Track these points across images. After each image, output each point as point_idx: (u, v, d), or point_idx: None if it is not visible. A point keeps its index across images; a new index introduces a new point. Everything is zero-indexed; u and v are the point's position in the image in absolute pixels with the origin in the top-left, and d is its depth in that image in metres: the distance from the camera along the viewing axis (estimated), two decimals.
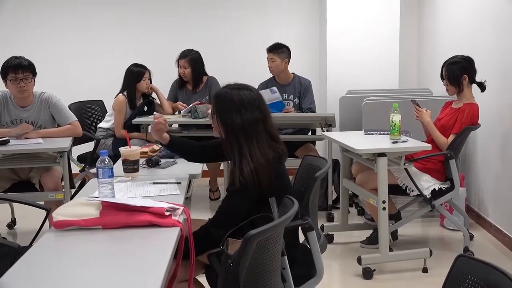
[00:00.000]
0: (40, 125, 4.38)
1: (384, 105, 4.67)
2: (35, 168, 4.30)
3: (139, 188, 2.80)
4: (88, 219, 2.19)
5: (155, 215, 2.21)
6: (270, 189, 2.41)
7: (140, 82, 5.29)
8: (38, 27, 6.50)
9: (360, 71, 5.92)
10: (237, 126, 2.46)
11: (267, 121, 2.52)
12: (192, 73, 5.47)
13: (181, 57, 5.46)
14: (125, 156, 3.06)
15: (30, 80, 4.23)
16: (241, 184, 2.41)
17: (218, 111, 2.53)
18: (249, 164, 2.42)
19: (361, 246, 4.45)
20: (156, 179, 2.97)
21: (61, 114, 4.38)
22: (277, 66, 5.36)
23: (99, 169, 2.48)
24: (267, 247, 1.94)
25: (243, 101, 2.48)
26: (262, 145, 2.47)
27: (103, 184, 2.49)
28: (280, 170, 2.51)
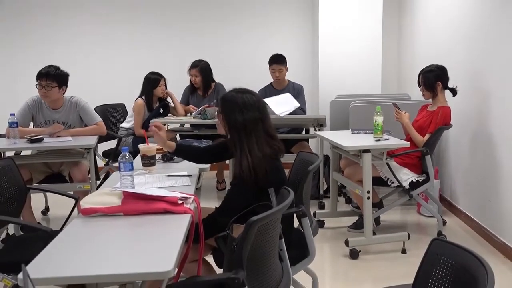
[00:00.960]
0: (70, 125, 4.39)
1: (368, 108, 4.65)
2: (66, 162, 4.31)
3: (155, 180, 2.80)
4: (111, 207, 2.18)
5: (169, 203, 2.20)
6: (267, 181, 2.38)
7: (157, 88, 5.31)
8: (70, 42, 6.52)
9: (348, 78, 5.89)
10: (239, 124, 2.44)
11: (265, 121, 2.49)
12: (202, 80, 5.46)
13: (192, 67, 5.45)
14: (144, 152, 3.06)
15: (51, 88, 4.18)
16: (241, 177, 2.39)
17: (224, 111, 2.51)
18: (248, 159, 2.39)
19: (348, 230, 4.44)
20: (170, 172, 2.97)
21: (88, 115, 4.38)
22: (283, 74, 5.37)
23: (121, 163, 2.47)
24: (267, 231, 1.93)
25: (245, 103, 2.46)
26: (260, 142, 2.44)
27: (124, 176, 2.48)
28: (276, 165, 2.47)
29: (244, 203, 2.39)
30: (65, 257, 1.76)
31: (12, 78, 6.36)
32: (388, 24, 6.27)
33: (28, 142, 4.02)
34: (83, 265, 1.70)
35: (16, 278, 2.16)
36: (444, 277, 1.56)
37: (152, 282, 2.13)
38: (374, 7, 5.83)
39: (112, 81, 6.51)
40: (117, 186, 2.54)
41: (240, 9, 6.53)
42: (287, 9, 6.55)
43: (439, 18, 5.19)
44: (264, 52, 5.94)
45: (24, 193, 3.05)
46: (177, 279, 2.25)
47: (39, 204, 5.04)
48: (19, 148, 4.09)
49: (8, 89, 6.30)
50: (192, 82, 5.51)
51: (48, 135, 4.19)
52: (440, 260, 1.58)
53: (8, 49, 6.37)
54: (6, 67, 6.38)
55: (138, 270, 1.65)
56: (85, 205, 2.19)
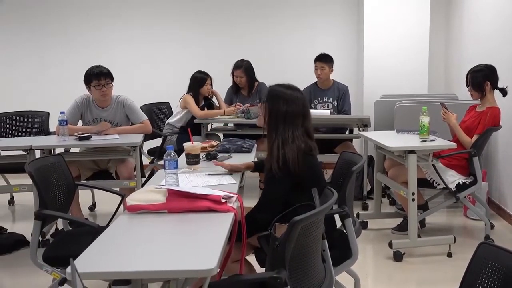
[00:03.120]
0: (117, 123, 4.43)
1: (414, 108, 4.56)
2: (112, 159, 4.35)
3: (199, 178, 2.81)
4: (156, 204, 2.20)
5: (213, 201, 2.21)
6: (300, 174, 2.38)
7: (203, 87, 5.33)
8: (115, 41, 6.63)
9: (393, 77, 5.81)
10: (280, 114, 2.44)
11: (306, 119, 2.50)
12: (247, 80, 5.48)
13: (236, 68, 5.46)
14: (188, 151, 3.09)
15: (110, 85, 4.28)
16: (274, 170, 2.38)
17: (269, 99, 2.52)
18: (279, 148, 2.39)
19: (392, 232, 4.38)
20: (214, 171, 2.98)
21: (134, 114, 4.42)
22: (326, 73, 5.32)
23: (166, 161, 2.49)
24: (310, 231, 1.92)
25: (291, 96, 2.48)
26: (297, 136, 2.44)
27: (169, 174, 2.49)
28: (310, 160, 2.45)
29: (280, 195, 2.38)
30: (111, 253, 1.78)
31: (63, 78, 6.53)
32: (435, 22, 6.13)
33: (77, 139, 4.07)
34: (129, 260, 1.72)
35: (65, 272, 2.19)
36: (492, 283, 1.53)
37: (196, 280, 2.15)
38: (421, 4, 5.73)
39: (157, 80, 6.56)
40: (162, 183, 2.55)
41: (284, 9, 6.50)
42: (332, 9, 6.49)
43: (488, 16, 5.06)
44: (308, 52, 5.89)
45: (72, 189, 3.09)
46: (219, 278, 2.25)
47: (86, 200, 5.09)
48: (68, 145, 4.15)
49: (61, 89, 6.47)
50: (236, 82, 5.51)
51: (96, 133, 4.24)
52: (487, 265, 1.54)
53: (59, 50, 6.54)
54: (58, 67, 6.54)
55: (181, 267, 1.66)
56: (131, 202, 2.22)
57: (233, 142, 3.68)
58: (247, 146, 3.61)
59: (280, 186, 2.39)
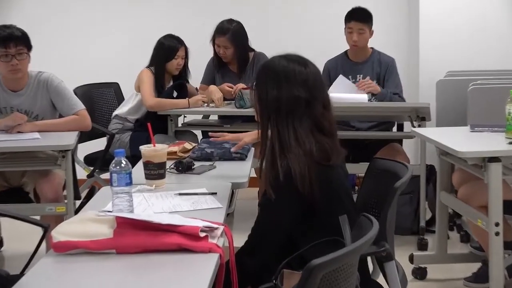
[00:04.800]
0: (37, 115, 4.41)
1: (497, 92, 4.54)
2: (30, 172, 4.32)
3: (165, 201, 2.84)
4: (98, 240, 2.21)
5: (186, 236, 2.23)
6: (315, 198, 2.40)
7: (172, 60, 5.37)
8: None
9: (464, 46, 5.89)
10: (270, 101, 2.47)
11: (314, 106, 2.51)
12: (236, 53, 5.53)
13: (218, 33, 5.51)
14: (148, 158, 3.09)
15: (25, 56, 4.25)
16: (272, 190, 2.41)
17: (256, 83, 2.57)
18: (278, 157, 2.42)
19: (465, 285, 4.36)
20: (188, 188, 2.99)
21: (64, 100, 4.41)
22: (365, 38, 5.37)
23: (114, 174, 2.50)
24: (336, 282, 1.90)
25: (287, 73, 2.49)
26: (301, 133, 2.46)
27: (119, 194, 2.51)
28: (327, 173, 2.48)
29: (282, 227, 2.43)
30: None
31: None
32: None
33: None
34: None
35: None
36: None
37: None
38: None
39: (102, 52, 6.65)
40: (107, 208, 2.57)
41: None
42: None
43: None
44: (335, 9, 5.82)
45: None
46: None
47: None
48: None
49: None
50: (218, 55, 5.57)
51: (3, 130, 4.23)
52: None
53: None
54: None
55: None
56: (58, 237, 2.22)
57: (218, 144, 3.72)
58: (239, 151, 3.65)
59: (281, 214, 2.43)
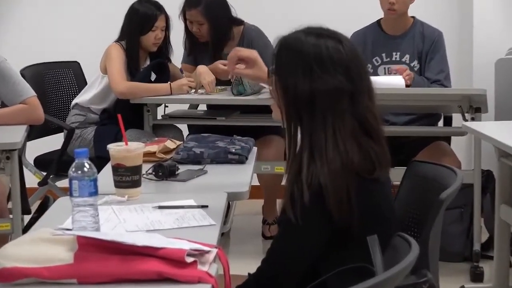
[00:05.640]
0: None
1: None
2: None
3: (141, 215, 2.84)
4: (54, 267, 2.16)
5: (168, 262, 2.18)
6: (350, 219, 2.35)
7: (148, 33, 5.26)
8: None
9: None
10: (301, 96, 2.40)
11: (359, 99, 2.42)
12: (211, 30, 5.42)
13: (188, 5, 5.42)
14: (118, 160, 3.04)
15: None
16: (295, 211, 2.35)
17: (277, 69, 2.49)
18: (306, 167, 2.35)
19: None
20: (170, 199, 2.98)
21: (9, 85, 4.36)
22: (405, 2, 5.20)
23: (74, 180, 2.44)
24: None
25: (320, 55, 2.40)
26: (343, 138, 2.37)
27: (80, 207, 2.46)
28: (370, 190, 2.42)
29: (305, 259, 2.43)
30: None
31: None
32: None
33: None
34: None
35: None
36: None
37: None
38: None
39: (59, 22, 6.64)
40: (66, 226, 2.55)
41: None
42: None
43: None
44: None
45: None
46: None
47: None
48: None
49: None
50: (194, 34, 5.53)
51: None
52: None
53: None
54: None
55: None
56: (3, 263, 2.18)
57: (210, 143, 3.72)
58: (238, 152, 3.61)
59: (306, 240, 2.41)
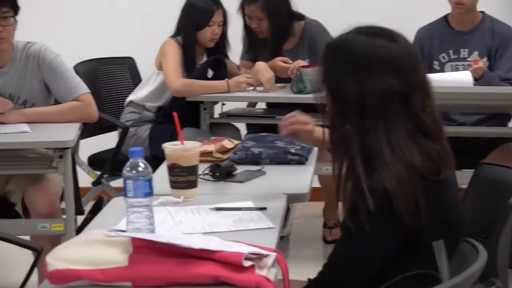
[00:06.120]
0: (25, 101, 4.35)
1: None
2: (16, 177, 4.28)
3: (197, 217, 2.87)
4: (108, 269, 2.19)
5: (225, 266, 2.19)
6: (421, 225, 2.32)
7: (205, 28, 5.25)
8: None
9: None
10: (350, 99, 2.39)
11: (413, 98, 2.41)
12: (270, 26, 5.44)
13: (247, 1, 5.47)
14: (174, 159, 3.07)
15: (11, 21, 4.20)
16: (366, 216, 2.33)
17: (326, 71, 2.50)
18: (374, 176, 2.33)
19: None
20: (227, 201, 3.01)
21: (62, 81, 4.32)
22: None
23: (128, 180, 2.48)
24: None
25: (369, 56, 2.40)
26: (398, 141, 2.37)
27: (135, 207, 2.49)
28: (438, 192, 2.40)
29: (369, 268, 2.42)
30: None
31: None
32: None
33: None
34: None
35: None
36: None
37: None
38: None
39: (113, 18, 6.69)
40: (120, 227, 2.61)
41: None
42: None
43: None
44: None
45: None
46: None
47: None
48: None
49: None
50: (250, 27, 5.57)
51: None
52: None
53: None
54: None
55: None
56: (56, 265, 2.19)
57: (268, 142, 3.73)
58: (298, 152, 3.62)
59: (372, 246, 2.41)
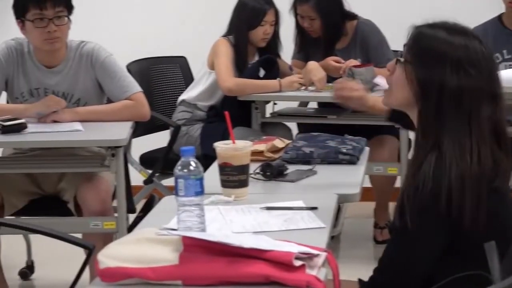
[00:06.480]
0: (79, 99, 4.34)
1: None
2: (69, 175, 4.27)
3: (248, 216, 2.87)
4: (159, 268, 2.21)
5: (276, 265, 2.19)
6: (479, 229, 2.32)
7: (257, 28, 5.27)
8: None
9: None
10: (450, 91, 2.36)
11: (497, 102, 2.41)
12: (323, 25, 5.41)
13: (300, 0, 5.45)
14: (225, 159, 3.08)
15: (65, 21, 4.19)
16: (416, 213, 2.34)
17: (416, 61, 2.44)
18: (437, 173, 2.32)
19: None
20: (278, 200, 3.00)
21: (114, 80, 4.34)
22: None
23: (180, 179, 2.46)
24: None
25: (469, 55, 2.38)
26: (479, 142, 2.36)
27: (186, 206, 2.49)
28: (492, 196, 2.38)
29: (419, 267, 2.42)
30: None
31: None
32: None
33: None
34: None
35: None
36: None
37: None
38: None
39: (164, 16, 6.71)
40: (171, 226, 2.60)
41: None
42: None
43: None
44: None
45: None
46: None
47: (16, 257, 4.99)
48: None
49: None
50: (302, 27, 5.53)
51: (36, 118, 4.19)
52: None
53: None
54: None
55: None
56: (107, 263, 2.23)
57: (320, 142, 3.72)
58: (349, 152, 3.61)
59: (420, 246, 2.41)
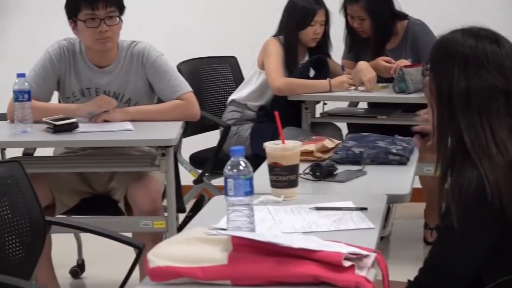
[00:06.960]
0: (129, 99, 4.37)
1: None
2: (119, 174, 4.31)
3: (297, 216, 2.87)
4: (208, 267, 2.24)
5: (325, 265, 2.21)
6: None
7: (307, 28, 5.26)
8: None
9: None
10: (458, 92, 2.42)
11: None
12: (373, 26, 5.43)
13: (350, 0, 5.46)
14: (275, 159, 3.08)
15: (117, 21, 4.24)
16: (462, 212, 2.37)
17: (432, 65, 2.54)
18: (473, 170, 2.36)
19: None
20: (328, 200, 3.01)
21: (165, 80, 4.35)
22: None
23: (229, 179, 2.50)
24: None
25: (478, 55, 2.45)
26: (502, 137, 2.41)
27: (236, 206, 2.52)
28: None
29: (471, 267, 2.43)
30: None
31: None
32: None
33: (50, 130, 4.07)
34: None
35: None
36: None
37: None
38: None
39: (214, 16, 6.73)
40: (220, 225, 2.62)
41: None
42: None
43: None
44: None
45: (39, 233, 3.18)
46: None
47: (67, 255, 5.04)
48: (33, 142, 4.21)
49: None
50: (352, 27, 5.55)
51: (88, 117, 4.24)
52: None
53: None
54: None
55: None
56: (157, 262, 2.27)
57: (370, 142, 3.74)
58: (399, 152, 3.62)
59: (468, 244, 2.41)
